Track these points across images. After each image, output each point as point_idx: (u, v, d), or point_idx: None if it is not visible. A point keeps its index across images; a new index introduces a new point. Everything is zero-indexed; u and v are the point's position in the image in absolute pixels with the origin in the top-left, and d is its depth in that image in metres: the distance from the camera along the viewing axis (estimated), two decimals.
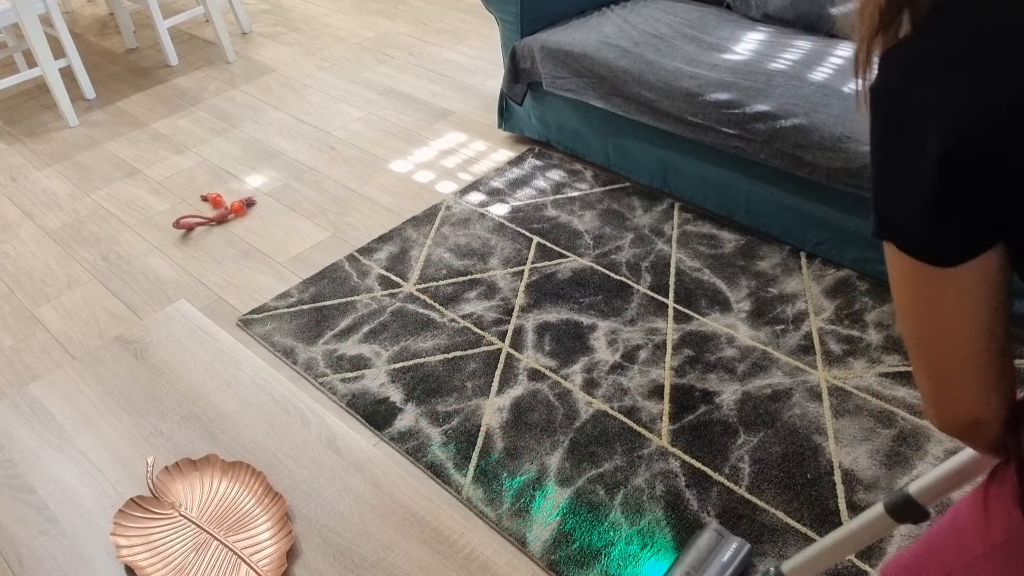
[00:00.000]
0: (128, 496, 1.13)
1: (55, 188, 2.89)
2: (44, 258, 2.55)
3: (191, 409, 1.25)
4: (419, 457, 1.78)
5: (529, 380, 1.94)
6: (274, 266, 2.42)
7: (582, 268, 2.26)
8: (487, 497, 1.68)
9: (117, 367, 1.33)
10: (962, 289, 0.59)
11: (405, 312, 2.17)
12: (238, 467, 1.13)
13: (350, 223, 2.56)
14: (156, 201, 2.77)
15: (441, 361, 2.01)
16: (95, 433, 1.22)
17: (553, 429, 1.81)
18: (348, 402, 1.92)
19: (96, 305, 2.33)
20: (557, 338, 2.04)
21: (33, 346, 2.21)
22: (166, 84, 3.54)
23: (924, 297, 0.61)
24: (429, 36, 3.75)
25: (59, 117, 3.34)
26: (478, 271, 2.29)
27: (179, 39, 3.97)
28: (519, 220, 2.47)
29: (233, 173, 2.88)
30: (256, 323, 2.18)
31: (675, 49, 2.34)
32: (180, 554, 1.04)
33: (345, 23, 3.99)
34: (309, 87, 3.41)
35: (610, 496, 1.66)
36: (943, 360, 0.64)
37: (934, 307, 0.61)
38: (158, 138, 3.14)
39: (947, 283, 0.59)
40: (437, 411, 1.88)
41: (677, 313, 2.08)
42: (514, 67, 2.65)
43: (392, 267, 2.34)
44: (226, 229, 2.60)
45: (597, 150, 2.61)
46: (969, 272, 0.58)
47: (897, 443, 1.71)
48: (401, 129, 3.04)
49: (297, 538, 1.06)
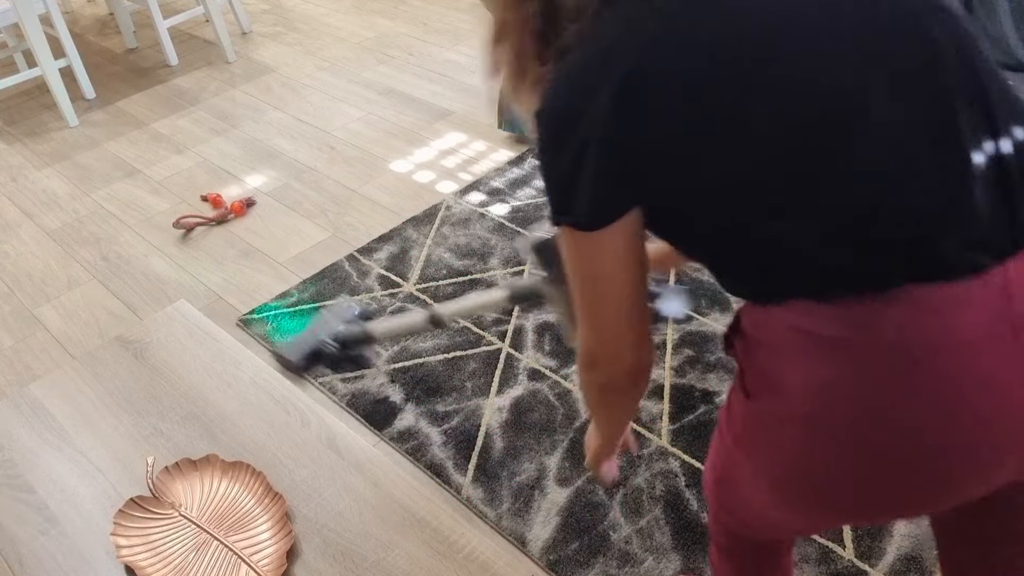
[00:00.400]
0: (128, 496, 1.13)
1: (55, 188, 2.89)
2: (44, 258, 2.55)
3: (191, 409, 1.25)
4: (419, 457, 1.78)
5: (529, 380, 1.94)
6: (274, 266, 2.42)
7: None
8: (487, 497, 1.68)
9: (117, 367, 1.33)
10: (617, 245, 0.78)
11: (405, 312, 2.17)
12: (238, 467, 1.13)
13: (350, 223, 2.56)
14: (156, 201, 2.77)
15: (441, 361, 2.01)
16: (95, 433, 1.22)
17: (553, 429, 1.81)
18: (348, 402, 1.92)
19: (96, 305, 2.33)
20: (557, 338, 2.04)
21: (33, 346, 2.21)
22: (166, 84, 3.55)
23: (589, 259, 0.80)
24: (429, 36, 3.75)
25: (59, 117, 3.34)
26: (478, 271, 2.29)
27: (179, 39, 3.97)
28: (519, 220, 2.47)
29: (233, 173, 2.88)
30: (256, 323, 2.18)
31: None
32: (180, 554, 1.04)
33: (345, 23, 3.99)
34: (309, 87, 3.41)
35: (610, 496, 1.66)
36: (613, 313, 0.82)
37: (598, 264, 0.79)
38: (158, 138, 3.14)
39: (605, 242, 0.77)
40: (437, 411, 1.88)
41: None
42: None
43: (392, 267, 2.34)
44: (226, 229, 2.60)
45: None
46: (618, 231, 0.77)
47: None
48: (401, 129, 3.05)
49: (297, 538, 1.06)
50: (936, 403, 0.68)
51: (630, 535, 1.59)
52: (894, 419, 0.70)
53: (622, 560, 1.55)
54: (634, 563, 1.54)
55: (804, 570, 1.50)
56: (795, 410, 0.75)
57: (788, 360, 0.74)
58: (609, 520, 1.62)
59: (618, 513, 1.63)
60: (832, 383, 0.71)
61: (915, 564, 1.49)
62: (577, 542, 1.59)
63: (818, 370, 0.72)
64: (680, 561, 1.53)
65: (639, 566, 1.53)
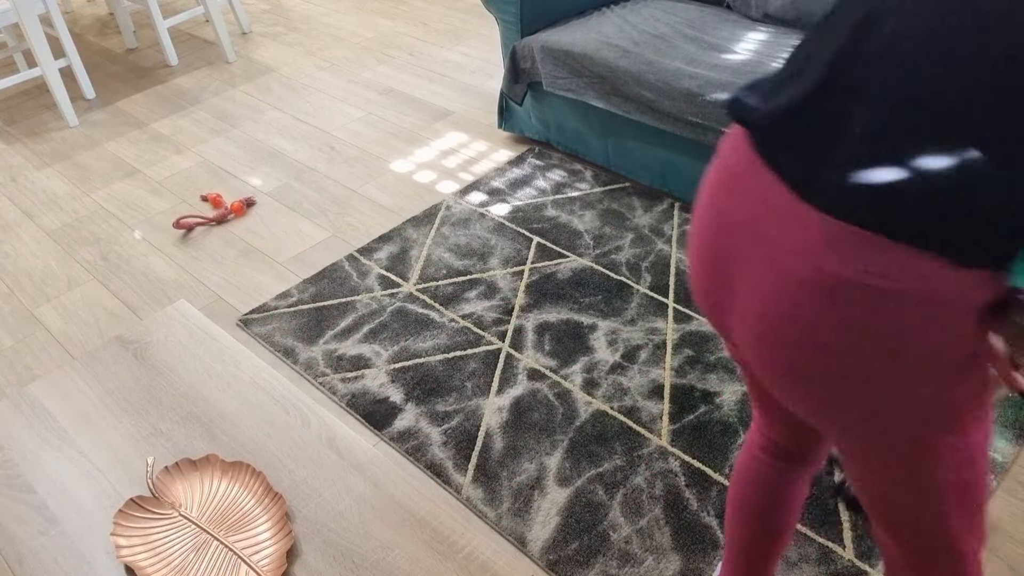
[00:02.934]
0: (128, 496, 1.13)
1: (55, 188, 2.89)
2: (44, 258, 2.55)
3: (191, 409, 1.25)
4: (419, 457, 1.78)
5: (529, 380, 1.94)
6: (274, 266, 2.42)
7: (582, 268, 2.26)
8: (487, 497, 1.68)
9: (117, 367, 1.33)
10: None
11: (405, 312, 2.17)
12: (238, 467, 1.13)
13: (350, 223, 2.56)
14: (156, 201, 2.77)
15: (441, 361, 2.01)
16: (95, 433, 1.22)
17: (553, 429, 1.81)
18: (348, 402, 1.92)
19: (96, 305, 2.33)
20: (557, 338, 2.04)
21: (33, 346, 2.21)
22: (166, 84, 3.55)
23: None
24: (429, 36, 3.75)
25: (59, 117, 3.34)
26: (478, 271, 2.29)
27: (179, 39, 3.97)
28: (519, 220, 2.47)
29: (233, 173, 2.88)
30: (256, 323, 2.18)
31: (675, 49, 2.34)
32: (180, 554, 1.04)
33: (345, 23, 3.99)
34: (309, 87, 3.41)
35: (610, 496, 1.66)
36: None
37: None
38: (158, 138, 3.14)
39: None
40: (437, 411, 1.88)
41: (677, 313, 2.08)
42: (514, 67, 2.65)
43: (392, 267, 2.34)
44: (226, 229, 2.60)
45: (597, 150, 2.61)
46: None
47: None
48: (401, 129, 3.05)
49: (297, 538, 1.06)
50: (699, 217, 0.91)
51: (630, 535, 1.59)
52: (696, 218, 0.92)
53: (622, 560, 1.55)
54: (634, 563, 1.54)
55: (804, 570, 1.50)
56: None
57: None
58: (609, 520, 1.62)
59: (618, 513, 1.63)
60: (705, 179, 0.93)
61: None
62: (577, 542, 1.59)
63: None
64: (680, 561, 1.53)
65: (639, 566, 1.53)
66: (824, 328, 0.76)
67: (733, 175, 0.85)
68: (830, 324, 0.75)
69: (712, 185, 0.89)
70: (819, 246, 0.74)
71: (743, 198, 0.83)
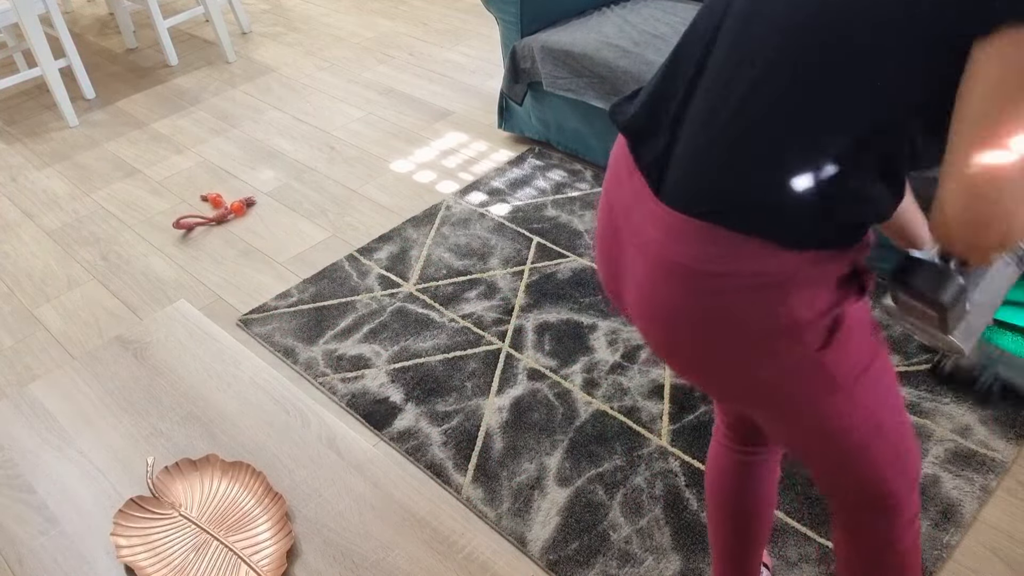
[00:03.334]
0: (128, 496, 1.13)
1: (55, 188, 2.89)
2: (44, 258, 2.55)
3: (191, 409, 1.25)
4: (419, 457, 1.78)
5: (529, 380, 1.94)
6: (274, 266, 2.42)
7: (582, 268, 2.26)
8: (487, 497, 1.68)
9: (117, 367, 1.33)
10: None
11: (405, 312, 2.17)
12: (238, 467, 1.13)
13: (350, 223, 2.56)
14: (156, 201, 2.77)
15: (441, 361, 2.01)
16: (95, 433, 1.22)
17: (553, 429, 1.81)
18: (348, 402, 1.92)
19: (96, 305, 2.33)
20: (557, 338, 2.04)
21: (33, 346, 2.21)
22: (166, 84, 3.55)
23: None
24: (429, 36, 3.75)
25: (59, 117, 3.34)
26: (478, 271, 2.29)
27: (179, 39, 3.97)
28: (519, 220, 2.47)
29: (233, 173, 2.88)
30: (256, 323, 2.18)
31: None
32: (180, 554, 1.04)
33: (345, 23, 3.99)
34: (309, 87, 3.41)
35: (610, 496, 1.66)
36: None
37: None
38: (158, 138, 3.14)
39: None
40: (437, 411, 1.88)
41: None
42: (514, 67, 2.65)
43: (392, 267, 2.34)
44: (226, 229, 2.60)
45: (597, 150, 2.61)
46: None
47: None
48: (401, 129, 3.05)
49: (297, 538, 1.06)
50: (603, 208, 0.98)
51: (630, 535, 1.59)
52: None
53: (622, 560, 1.55)
54: (634, 563, 1.54)
55: (804, 570, 1.50)
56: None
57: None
58: (609, 520, 1.62)
59: (618, 513, 1.63)
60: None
61: None
62: (577, 542, 1.59)
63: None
64: (680, 561, 1.53)
65: (639, 566, 1.53)
66: (684, 311, 0.84)
67: (617, 169, 0.94)
68: (687, 307, 0.84)
69: (607, 176, 0.97)
70: (669, 237, 0.83)
71: (623, 190, 0.92)
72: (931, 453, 1.67)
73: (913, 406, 1.78)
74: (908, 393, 1.81)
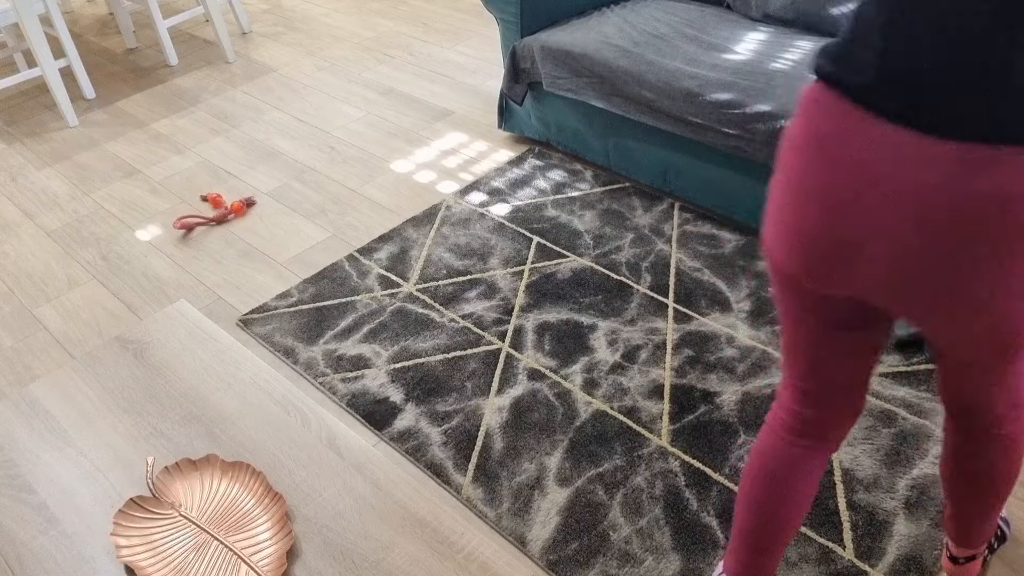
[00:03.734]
0: (128, 496, 1.13)
1: (55, 188, 2.89)
2: (44, 258, 2.55)
3: (191, 409, 1.25)
4: (419, 457, 1.78)
5: (529, 380, 1.94)
6: (274, 266, 2.42)
7: (582, 268, 2.26)
8: (487, 497, 1.68)
9: (117, 367, 1.33)
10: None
11: (405, 312, 2.17)
12: (238, 467, 1.13)
13: (350, 223, 2.56)
14: (156, 201, 2.77)
15: (441, 361, 2.01)
16: (95, 433, 1.22)
17: (553, 429, 1.81)
18: (348, 402, 1.92)
19: (96, 305, 2.33)
20: (557, 338, 2.04)
21: (33, 346, 2.21)
22: (166, 84, 3.55)
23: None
24: (429, 36, 3.75)
25: (59, 117, 3.34)
26: (478, 271, 2.29)
27: (179, 39, 3.97)
28: (519, 220, 2.47)
29: (233, 173, 2.88)
30: (256, 323, 2.18)
31: (675, 49, 2.34)
32: (180, 554, 1.04)
33: (345, 23, 3.99)
34: (309, 87, 3.41)
35: (610, 496, 1.66)
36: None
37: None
38: (158, 138, 3.14)
39: None
40: (437, 411, 1.88)
41: (677, 313, 2.08)
42: (514, 67, 2.65)
43: (392, 267, 2.34)
44: (226, 229, 2.60)
45: (597, 150, 2.61)
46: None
47: (897, 442, 1.71)
48: (401, 129, 3.05)
49: (297, 538, 1.06)
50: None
51: (630, 535, 1.59)
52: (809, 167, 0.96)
53: (622, 560, 1.55)
54: (634, 563, 1.54)
55: (804, 570, 1.50)
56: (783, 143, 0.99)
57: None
58: (609, 520, 1.62)
59: (618, 513, 1.63)
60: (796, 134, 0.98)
61: (915, 564, 1.49)
62: (577, 542, 1.59)
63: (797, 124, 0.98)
64: (680, 561, 1.53)
65: (639, 566, 1.53)
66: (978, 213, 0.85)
67: (840, 134, 0.91)
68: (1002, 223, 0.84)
69: (813, 148, 0.94)
70: (969, 171, 0.83)
71: (863, 155, 0.90)
72: (931, 453, 1.67)
73: (913, 406, 1.78)
74: (908, 393, 1.81)
